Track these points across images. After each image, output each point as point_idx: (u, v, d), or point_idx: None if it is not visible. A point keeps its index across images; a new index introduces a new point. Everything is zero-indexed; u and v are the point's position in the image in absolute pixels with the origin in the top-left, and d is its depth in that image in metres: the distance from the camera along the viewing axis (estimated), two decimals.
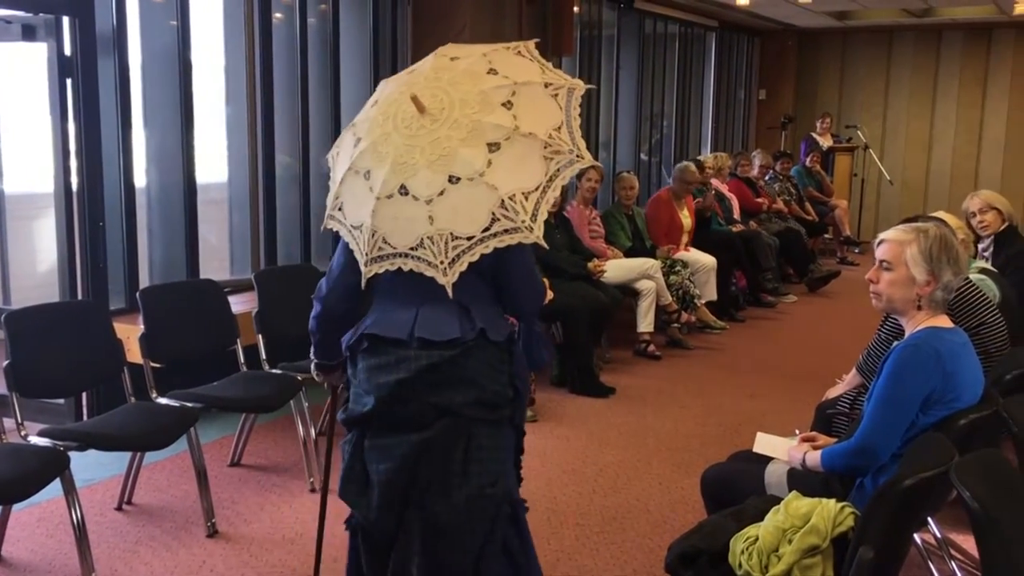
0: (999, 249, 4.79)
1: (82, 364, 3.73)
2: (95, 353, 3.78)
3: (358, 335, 2.38)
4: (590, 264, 5.99)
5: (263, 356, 4.37)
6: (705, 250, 7.28)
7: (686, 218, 7.37)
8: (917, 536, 2.89)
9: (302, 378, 4.13)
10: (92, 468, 4.16)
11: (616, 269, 6.31)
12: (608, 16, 9.25)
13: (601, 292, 5.91)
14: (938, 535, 2.95)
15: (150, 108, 5.27)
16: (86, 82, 4.69)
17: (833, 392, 3.77)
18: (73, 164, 4.72)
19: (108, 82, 4.86)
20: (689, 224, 7.39)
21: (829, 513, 2.33)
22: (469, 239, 2.18)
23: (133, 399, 3.86)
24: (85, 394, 4.61)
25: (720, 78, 11.84)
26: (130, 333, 4.15)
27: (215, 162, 5.79)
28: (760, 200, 9.08)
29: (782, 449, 2.84)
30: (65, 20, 4.62)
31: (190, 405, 3.79)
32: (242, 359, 4.32)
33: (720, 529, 2.46)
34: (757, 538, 2.36)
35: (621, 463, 4.45)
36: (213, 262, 5.79)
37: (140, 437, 3.53)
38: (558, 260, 5.75)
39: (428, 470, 2.32)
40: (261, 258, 5.88)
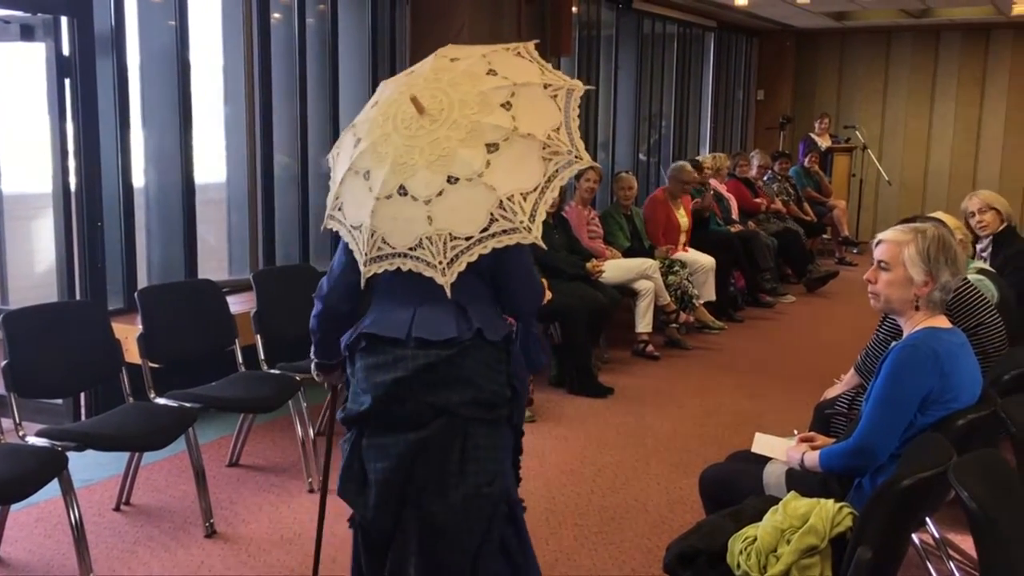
0: (997, 249, 4.78)
1: (80, 364, 3.73)
2: (93, 353, 3.78)
3: (356, 334, 2.39)
4: (588, 264, 6.00)
5: (261, 356, 4.37)
6: (703, 250, 7.29)
7: (682, 217, 7.36)
8: (915, 536, 2.89)
9: (300, 378, 4.13)
10: (90, 468, 4.15)
11: (614, 269, 6.31)
12: (607, 16, 9.25)
13: (599, 292, 5.91)
14: (936, 535, 2.95)
15: (148, 108, 5.27)
16: (84, 82, 4.68)
17: (831, 392, 3.77)
18: (71, 164, 4.71)
19: (106, 82, 4.86)
20: (686, 223, 7.39)
21: (827, 513, 2.33)
22: (467, 239, 2.18)
23: (131, 399, 3.85)
24: (83, 394, 4.62)
25: (718, 78, 11.84)
26: (128, 333, 4.15)
27: (213, 162, 5.79)
28: (758, 200, 9.07)
29: (780, 449, 2.84)
30: (63, 20, 4.62)
31: (188, 405, 3.78)
32: (240, 359, 4.32)
33: (718, 529, 2.46)
34: (755, 538, 2.37)
35: (619, 463, 4.45)
36: (211, 262, 5.78)
37: (138, 437, 3.53)
38: (556, 260, 5.74)
39: (425, 469, 2.32)
40: (259, 258, 5.88)
